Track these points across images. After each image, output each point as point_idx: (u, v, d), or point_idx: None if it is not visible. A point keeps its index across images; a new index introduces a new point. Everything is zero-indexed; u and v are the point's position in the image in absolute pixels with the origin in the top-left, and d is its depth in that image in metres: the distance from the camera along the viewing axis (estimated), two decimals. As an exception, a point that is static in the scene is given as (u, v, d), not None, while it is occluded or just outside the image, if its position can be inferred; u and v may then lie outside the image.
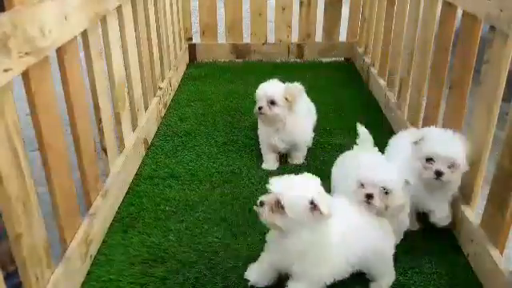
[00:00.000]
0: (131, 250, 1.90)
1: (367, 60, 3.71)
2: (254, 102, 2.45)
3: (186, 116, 3.10)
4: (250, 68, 4.04)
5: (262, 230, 2.01)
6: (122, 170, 2.20)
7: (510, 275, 1.57)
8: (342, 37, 4.19)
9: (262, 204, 1.52)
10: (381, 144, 2.72)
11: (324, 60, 4.24)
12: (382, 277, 1.72)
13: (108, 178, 2.08)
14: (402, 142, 2.15)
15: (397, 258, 1.85)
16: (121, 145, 2.31)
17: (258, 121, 2.50)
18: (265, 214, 1.51)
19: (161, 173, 2.44)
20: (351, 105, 3.28)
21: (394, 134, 2.84)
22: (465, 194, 1.95)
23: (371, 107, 3.26)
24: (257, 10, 4.03)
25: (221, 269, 1.81)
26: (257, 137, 2.80)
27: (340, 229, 1.56)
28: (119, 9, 2.22)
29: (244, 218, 2.09)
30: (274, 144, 2.46)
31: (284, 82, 2.45)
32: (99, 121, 2.01)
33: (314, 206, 1.46)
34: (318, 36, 4.22)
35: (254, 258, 1.85)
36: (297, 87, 2.42)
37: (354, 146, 2.05)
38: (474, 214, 1.90)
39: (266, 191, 2.26)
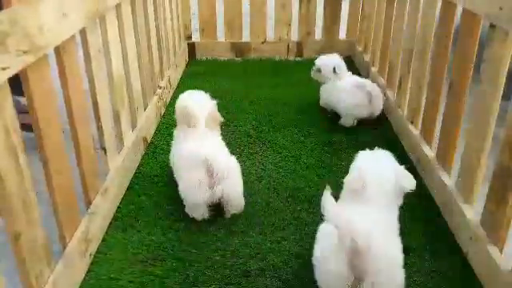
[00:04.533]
0: (131, 249, 1.90)
1: (367, 58, 3.70)
2: (253, 101, 2.39)
3: (185, 114, 3.09)
4: (249, 66, 4.04)
5: (259, 229, 2.01)
6: (121, 168, 2.20)
7: (510, 274, 1.57)
8: (342, 35, 4.19)
9: None
10: (381, 142, 2.73)
11: (324, 58, 4.24)
12: None
13: (107, 177, 2.08)
14: None
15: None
16: (120, 143, 2.31)
17: None
18: None
19: (160, 171, 2.44)
20: (351, 103, 3.28)
21: (394, 132, 2.85)
22: (464, 192, 1.95)
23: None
24: (256, 7, 4.03)
25: (220, 267, 1.81)
26: (256, 135, 2.80)
27: None
28: (118, 7, 2.21)
29: (242, 216, 2.09)
30: None
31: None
32: (98, 119, 2.01)
33: None
34: (318, 34, 4.22)
35: (252, 255, 1.86)
36: None
37: None
38: (473, 212, 1.90)
39: (264, 190, 2.27)
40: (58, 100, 1.58)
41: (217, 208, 2.14)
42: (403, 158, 2.59)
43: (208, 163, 1.93)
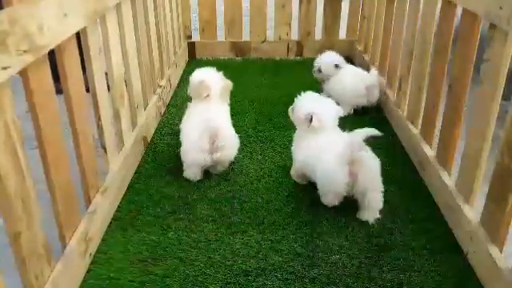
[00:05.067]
0: (131, 248, 1.90)
1: (367, 58, 3.70)
2: (253, 101, 2.44)
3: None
4: (249, 66, 4.04)
5: (259, 228, 2.01)
6: (121, 167, 2.20)
7: (510, 273, 1.57)
8: (342, 35, 4.19)
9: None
10: (381, 142, 2.73)
11: (323, 58, 4.24)
12: None
13: (107, 176, 2.08)
14: None
15: (396, 257, 1.86)
16: (120, 142, 2.31)
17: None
18: None
19: (160, 170, 2.44)
20: (351, 103, 3.28)
21: (394, 132, 2.86)
22: (464, 192, 1.95)
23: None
24: (256, 7, 4.03)
25: (220, 266, 1.81)
26: (256, 135, 2.80)
27: None
28: (118, 6, 2.21)
29: (242, 215, 2.09)
30: None
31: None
32: (98, 118, 2.01)
33: None
34: (318, 33, 4.22)
35: (252, 255, 1.86)
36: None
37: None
38: (473, 212, 1.90)
39: (264, 189, 2.27)
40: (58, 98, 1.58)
41: (216, 209, 2.14)
42: (403, 158, 2.59)
43: (213, 133, 2.21)
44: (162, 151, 2.64)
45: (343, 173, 1.97)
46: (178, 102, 3.29)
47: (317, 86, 3.20)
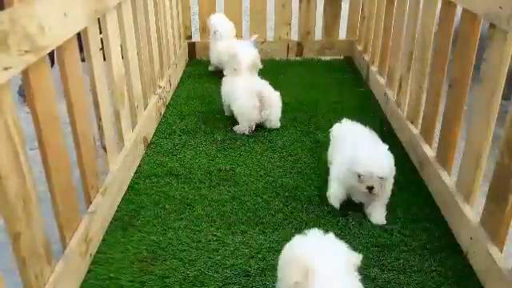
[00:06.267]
0: (131, 248, 1.90)
1: (367, 58, 3.70)
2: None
3: (185, 114, 3.10)
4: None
5: (259, 228, 2.01)
6: (121, 167, 2.20)
7: (510, 273, 1.57)
8: (342, 35, 4.19)
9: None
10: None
11: (323, 58, 4.24)
12: None
13: (107, 176, 2.08)
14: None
15: (396, 257, 1.86)
16: (120, 142, 2.31)
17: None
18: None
19: (160, 171, 2.44)
20: (350, 103, 3.28)
21: (394, 132, 2.86)
22: (464, 192, 1.96)
23: (371, 105, 3.26)
24: (256, 7, 4.03)
25: (220, 266, 1.81)
26: (256, 135, 2.80)
27: None
28: (119, 6, 2.21)
29: (242, 215, 2.09)
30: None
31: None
32: (99, 119, 2.01)
33: None
34: (318, 34, 4.22)
35: (252, 255, 1.86)
36: None
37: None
38: (473, 212, 1.90)
39: (264, 189, 2.27)
40: (59, 99, 1.58)
41: (216, 209, 2.14)
42: (403, 158, 2.59)
43: (261, 94, 2.75)
44: (161, 151, 2.64)
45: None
46: (178, 101, 3.29)
47: (316, 86, 3.20)
